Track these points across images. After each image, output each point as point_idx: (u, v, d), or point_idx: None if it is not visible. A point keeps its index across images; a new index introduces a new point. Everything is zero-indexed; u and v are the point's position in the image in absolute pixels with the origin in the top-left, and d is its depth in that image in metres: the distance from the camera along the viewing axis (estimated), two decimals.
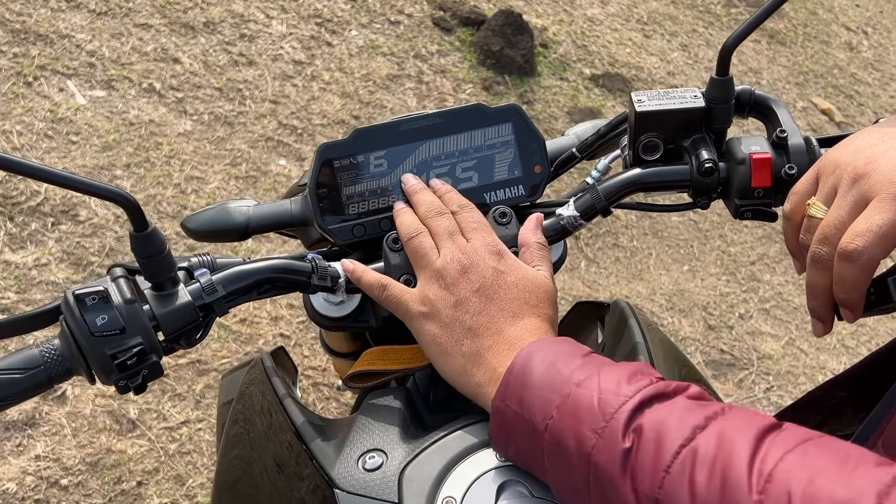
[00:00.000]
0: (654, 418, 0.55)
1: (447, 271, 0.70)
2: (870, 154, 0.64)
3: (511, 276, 0.70)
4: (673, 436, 0.54)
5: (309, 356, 2.03)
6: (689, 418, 0.55)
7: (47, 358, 0.64)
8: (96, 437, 1.75)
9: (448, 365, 0.68)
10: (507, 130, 0.81)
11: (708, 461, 0.52)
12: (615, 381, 0.58)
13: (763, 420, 0.54)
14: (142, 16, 2.61)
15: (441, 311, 0.69)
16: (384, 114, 2.67)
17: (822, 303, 0.68)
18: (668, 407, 0.56)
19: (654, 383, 0.58)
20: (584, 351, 0.63)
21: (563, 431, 0.58)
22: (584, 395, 0.58)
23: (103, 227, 2.08)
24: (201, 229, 0.85)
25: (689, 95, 0.77)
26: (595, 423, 0.56)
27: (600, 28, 3.40)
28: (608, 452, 0.56)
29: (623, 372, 0.59)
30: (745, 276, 2.72)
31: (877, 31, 4.24)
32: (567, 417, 0.58)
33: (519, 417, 0.61)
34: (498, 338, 0.67)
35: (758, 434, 0.52)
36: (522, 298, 0.69)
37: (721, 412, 0.55)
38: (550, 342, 0.64)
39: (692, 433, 0.54)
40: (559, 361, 0.61)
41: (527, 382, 0.61)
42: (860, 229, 0.61)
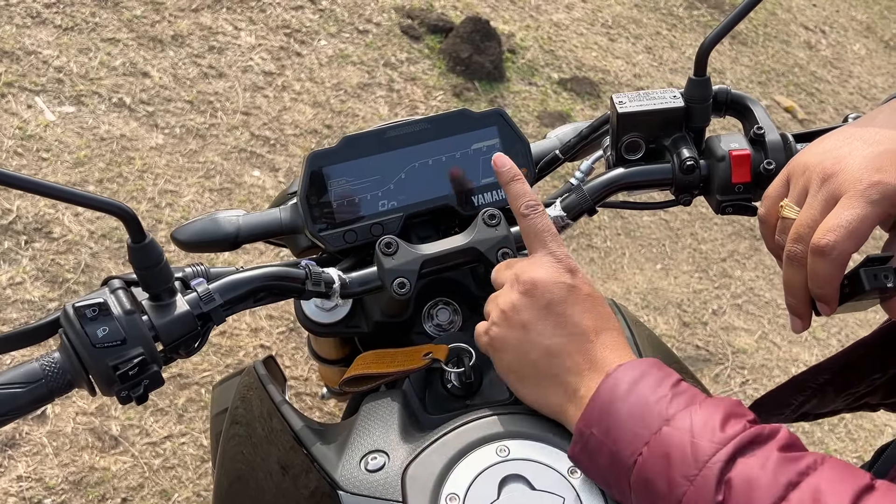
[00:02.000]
0: (746, 471, 0.55)
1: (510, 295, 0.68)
2: (837, 154, 0.67)
3: (583, 289, 0.67)
4: (765, 492, 0.53)
5: (290, 366, 2.03)
6: (781, 474, 0.54)
7: (48, 371, 0.64)
8: (78, 455, 1.73)
9: (528, 390, 0.67)
10: (491, 134, 0.83)
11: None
12: (709, 425, 0.57)
13: (856, 478, 0.54)
14: (109, 30, 2.60)
15: (508, 337, 0.67)
16: (357, 122, 2.68)
17: (799, 299, 0.70)
18: (760, 459, 0.55)
19: (747, 429, 0.57)
20: (673, 379, 0.62)
21: (653, 471, 0.57)
22: (676, 436, 0.57)
23: (78, 244, 2.06)
24: (191, 240, 0.86)
25: (668, 96, 0.80)
26: (687, 470, 0.56)
27: (566, 33, 3.44)
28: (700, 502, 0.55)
29: (717, 413, 0.58)
30: (716, 272, 2.77)
31: (834, 29, 4.34)
32: (657, 458, 0.57)
33: (604, 446, 0.60)
34: (577, 357, 0.65)
35: (853, 496, 0.52)
36: (596, 311, 0.67)
37: (814, 466, 0.55)
38: (638, 367, 0.62)
39: (784, 491, 0.53)
40: (648, 392, 0.60)
41: (613, 412, 0.60)
42: (831, 225, 0.64)
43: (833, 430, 2.41)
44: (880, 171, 0.64)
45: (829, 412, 1.02)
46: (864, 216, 0.63)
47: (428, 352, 0.78)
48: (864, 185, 0.63)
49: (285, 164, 2.47)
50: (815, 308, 0.71)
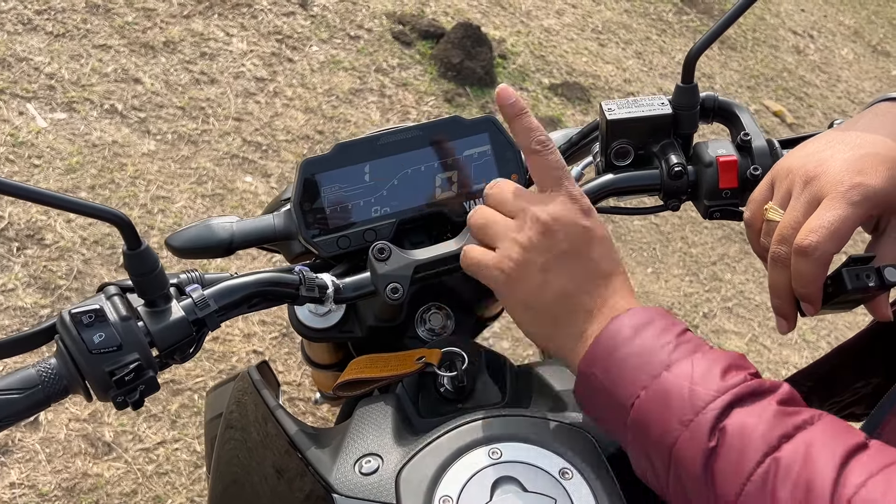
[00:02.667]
0: (741, 421, 0.55)
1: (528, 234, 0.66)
2: (819, 157, 0.68)
3: (599, 231, 0.66)
4: (758, 443, 0.54)
5: (283, 372, 2.03)
6: (777, 426, 0.55)
7: (45, 377, 0.65)
8: (71, 462, 1.73)
9: (532, 324, 0.67)
10: (483, 141, 0.84)
11: (792, 477, 0.52)
12: (710, 373, 0.58)
13: (850, 436, 0.54)
14: (100, 37, 2.60)
15: (528, 275, 0.66)
16: (348, 128, 2.69)
17: (784, 299, 0.71)
18: (757, 410, 0.56)
19: (748, 381, 0.58)
20: (679, 328, 0.62)
21: (649, 414, 0.58)
22: (675, 382, 0.58)
23: (70, 251, 2.06)
24: (185, 247, 0.87)
25: (656, 103, 0.81)
26: (683, 415, 0.56)
27: (557, 38, 3.46)
28: (692, 448, 0.56)
29: (718, 363, 0.59)
30: (707, 276, 2.79)
31: (822, 34, 4.38)
32: (654, 401, 0.58)
33: (603, 389, 0.61)
34: (590, 300, 0.65)
35: (844, 452, 0.53)
36: (609, 256, 0.66)
37: (810, 421, 0.55)
38: (645, 313, 0.63)
39: (778, 442, 0.54)
40: (653, 338, 0.61)
41: (616, 354, 0.61)
42: (813, 226, 0.65)
43: None
44: (861, 174, 0.65)
45: None
46: (845, 217, 0.64)
47: (421, 356, 0.79)
48: (845, 187, 0.65)
49: (277, 169, 2.48)
50: (800, 308, 0.72)
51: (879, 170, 0.66)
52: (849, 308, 0.73)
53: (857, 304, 0.72)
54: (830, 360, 0.92)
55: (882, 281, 0.67)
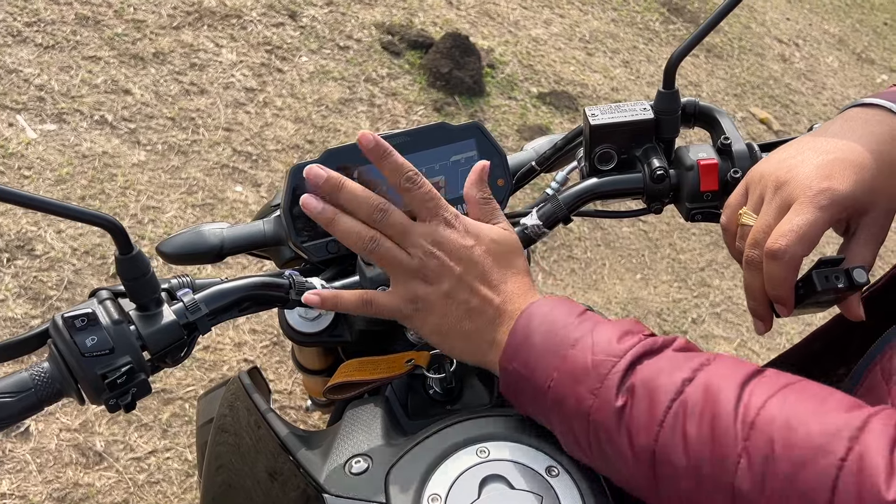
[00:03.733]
0: (645, 375, 0.60)
1: (426, 269, 0.71)
2: (790, 164, 0.71)
3: (481, 245, 0.72)
4: (663, 391, 0.58)
5: (274, 380, 2.04)
6: (677, 372, 0.59)
7: (37, 381, 0.65)
8: (62, 472, 1.73)
9: (453, 347, 0.72)
10: (469, 147, 0.85)
11: (697, 412, 0.56)
12: (607, 341, 0.63)
13: (746, 367, 0.59)
14: (90, 48, 2.61)
15: (434, 304, 0.71)
16: (338, 137, 2.70)
17: (759, 301, 0.73)
18: (656, 363, 0.61)
19: (643, 340, 0.62)
20: (579, 310, 0.67)
21: (564, 392, 0.63)
22: (580, 356, 0.63)
23: (61, 261, 2.06)
24: (177, 253, 0.88)
25: (638, 108, 0.83)
26: (591, 385, 0.61)
27: (545, 48, 3.49)
28: (605, 411, 0.60)
29: (615, 331, 0.63)
30: (695, 281, 2.81)
31: (807, 42, 4.43)
32: (566, 379, 0.63)
33: (524, 378, 0.66)
34: (492, 309, 0.70)
35: (741, 381, 0.57)
36: (499, 263, 0.72)
37: (707, 362, 0.60)
38: (547, 303, 0.68)
39: (682, 385, 0.58)
40: (557, 323, 0.65)
41: (529, 344, 0.66)
42: (783, 230, 0.67)
43: None
44: (829, 179, 0.67)
45: None
46: (813, 221, 0.66)
47: (410, 358, 0.80)
48: (813, 192, 0.67)
49: (267, 179, 2.49)
50: (775, 310, 0.74)
51: (847, 174, 0.67)
52: (823, 308, 0.74)
53: (830, 305, 0.74)
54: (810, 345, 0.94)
55: (851, 282, 0.68)
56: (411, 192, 0.72)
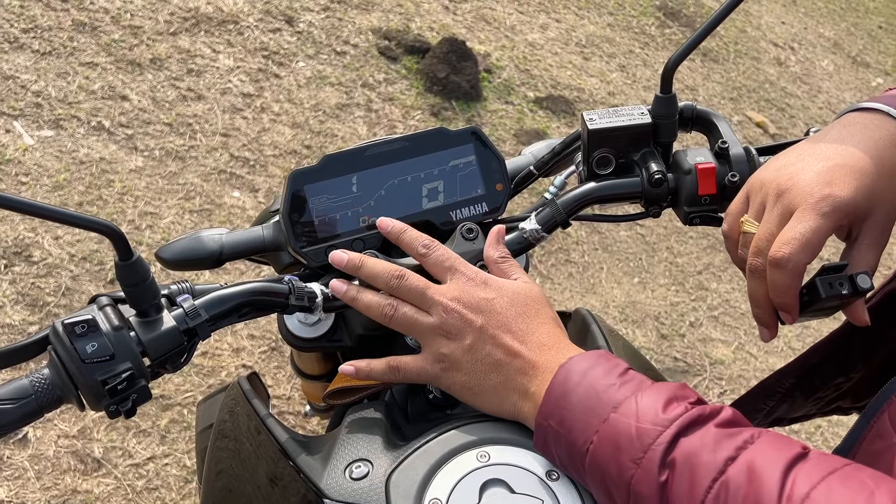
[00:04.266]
0: (688, 450, 0.57)
1: (447, 325, 0.71)
2: (790, 171, 0.71)
3: (502, 298, 0.72)
4: (705, 469, 0.56)
5: (273, 385, 2.04)
6: (720, 450, 0.57)
7: (38, 387, 0.65)
8: (61, 479, 1.73)
9: (484, 402, 0.71)
10: (468, 151, 0.86)
11: (740, 496, 0.54)
12: (653, 409, 0.60)
13: (791, 449, 0.57)
14: (87, 55, 2.61)
15: (459, 360, 0.71)
16: (336, 142, 2.70)
17: (764, 309, 0.73)
18: (700, 437, 0.58)
19: (689, 411, 0.60)
20: (621, 368, 0.65)
21: (603, 457, 0.61)
22: (623, 422, 0.60)
23: (58, 267, 2.06)
24: (176, 259, 0.87)
25: (636, 112, 0.83)
26: (634, 454, 0.59)
27: (541, 52, 3.49)
28: (647, 484, 0.58)
29: (660, 397, 0.61)
30: (693, 285, 2.81)
31: (802, 46, 4.44)
32: (606, 444, 0.60)
33: (560, 436, 0.64)
34: (520, 361, 0.69)
35: (786, 465, 0.55)
36: (523, 314, 0.71)
37: (751, 440, 0.57)
38: (587, 360, 0.66)
39: (724, 465, 0.56)
40: (597, 382, 0.63)
41: (566, 403, 0.64)
42: (786, 238, 0.67)
43: (810, 438, 2.45)
44: (830, 185, 0.67)
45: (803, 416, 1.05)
46: (816, 228, 0.66)
47: None
48: (815, 199, 0.67)
49: (265, 184, 2.49)
50: (780, 317, 0.74)
51: (848, 180, 0.68)
52: (827, 315, 0.75)
53: (834, 311, 0.74)
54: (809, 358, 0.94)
55: (855, 288, 0.68)
56: (428, 258, 0.75)
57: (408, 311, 0.73)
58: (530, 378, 0.68)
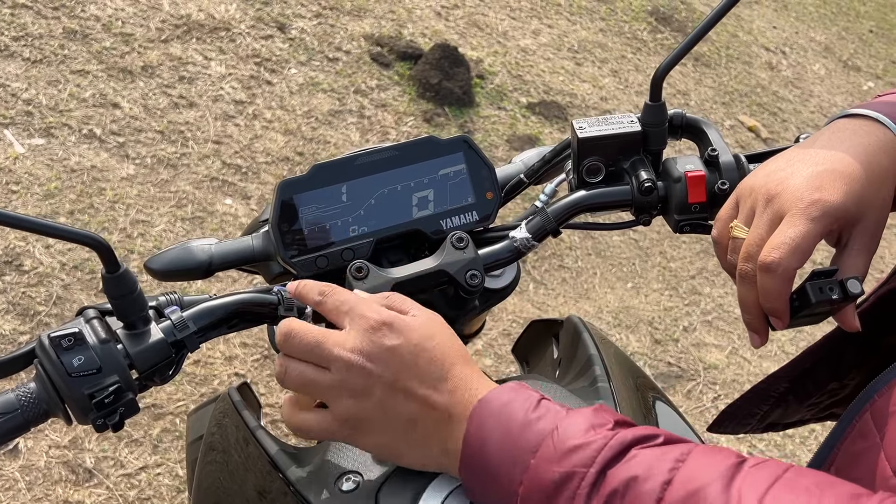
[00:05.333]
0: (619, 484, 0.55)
1: (349, 383, 0.64)
2: (780, 176, 0.70)
3: (409, 342, 0.64)
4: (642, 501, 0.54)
5: (265, 394, 2.03)
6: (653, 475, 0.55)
7: (24, 401, 0.65)
8: (52, 490, 1.72)
9: (405, 459, 0.66)
10: (458, 160, 0.85)
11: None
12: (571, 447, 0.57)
13: (726, 459, 0.55)
14: (78, 62, 2.60)
15: (370, 420, 0.65)
16: (328, 149, 2.70)
17: (754, 315, 0.73)
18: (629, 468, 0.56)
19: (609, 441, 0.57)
20: (534, 401, 0.61)
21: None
22: (544, 468, 0.57)
23: (49, 276, 2.05)
24: (165, 269, 0.87)
25: (625, 120, 0.83)
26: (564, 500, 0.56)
27: (533, 58, 3.50)
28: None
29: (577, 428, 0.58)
30: (686, 290, 2.81)
31: (794, 50, 4.46)
32: (534, 493, 0.58)
33: (488, 488, 0.61)
34: (436, 412, 0.63)
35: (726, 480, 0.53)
36: (433, 358, 0.64)
37: (681, 459, 0.56)
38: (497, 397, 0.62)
39: (661, 492, 0.54)
40: (512, 423, 0.60)
41: (485, 454, 0.60)
42: (776, 243, 0.67)
43: (804, 443, 2.45)
44: (819, 190, 0.67)
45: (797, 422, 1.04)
46: (805, 233, 0.66)
47: None
48: (804, 204, 0.67)
49: (257, 191, 2.49)
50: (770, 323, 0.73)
51: (837, 185, 0.67)
52: (818, 320, 0.74)
53: (825, 317, 0.74)
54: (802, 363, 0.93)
55: (845, 293, 0.68)
56: (325, 305, 0.68)
57: (303, 370, 0.65)
58: (449, 430, 0.63)
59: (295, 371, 0.66)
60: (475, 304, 0.89)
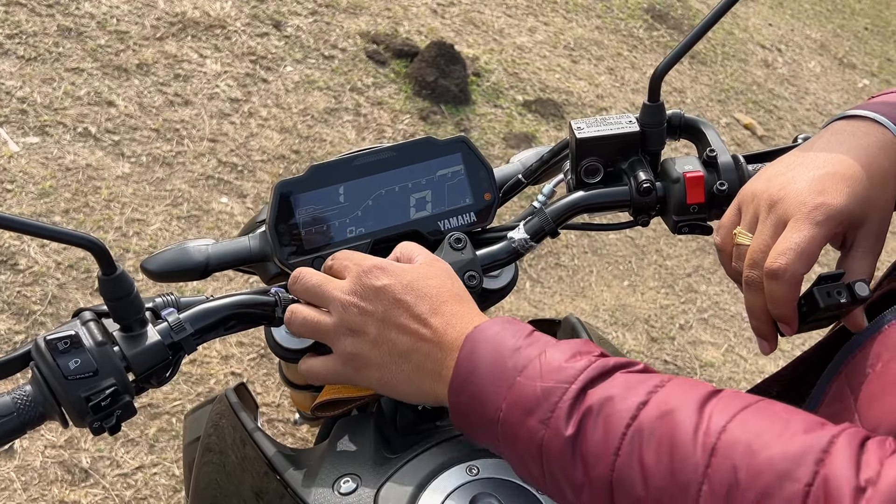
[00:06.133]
0: (597, 401, 0.57)
1: (347, 321, 0.69)
2: (781, 181, 0.70)
3: (400, 282, 0.69)
4: (617, 417, 0.56)
5: (262, 393, 2.02)
6: (630, 396, 0.57)
7: (20, 404, 0.65)
8: (48, 490, 1.71)
9: (403, 393, 0.69)
10: (456, 161, 0.85)
11: (655, 438, 0.54)
12: (556, 366, 0.60)
13: (702, 387, 0.57)
14: (73, 60, 2.59)
15: (368, 355, 0.69)
16: (324, 147, 2.69)
17: (762, 321, 0.72)
18: (608, 387, 0.58)
19: (593, 363, 0.59)
20: (526, 331, 0.64)
21: (513, 424, 0.60)
22: (528, 385, 0.60)
23: (45, 275, 2.04)
24: (161, 270, 0.86)
25: (624, 121, 0.83)
26: (541, 415, 0.58)
27: (530, 55, 3.50)
28: (557, 442, 0.58)
29: (564, 353, 0.61)
30: (682, 287, 2.81)
31: (789, 48, 4.46)
32: (515, 410, 0.60)
33: (472, 410, 0.63)
34: (427, 344, 0.67)
35: (699, 402, 0.55)
36: (425, 294, 0.69)
37: (661, 384, 0.58)
38: (492, 326, 0.65)
39: (636, 410, 0.56)
40: (502, 347, 0.62)
41: (474, 375, 0.63)
42: (781, 248, 0.67)
43: None
44: (822, 194, 0.67)
45: None
46: (811, 237, 0.66)
47: None
48: (808, 208, 0.67)
49: (253, 190, 2.48)
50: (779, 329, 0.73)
51: (840, 188, 0.67)
52: (826, 324, 0.74)
53: (832, 321, 0.74)
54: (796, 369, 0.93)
55: (853, 296, 0.68)
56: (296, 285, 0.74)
57: (307, 312, 0.72)
58: (440, 359, 0.66)
59: (300, 314, 0.72)
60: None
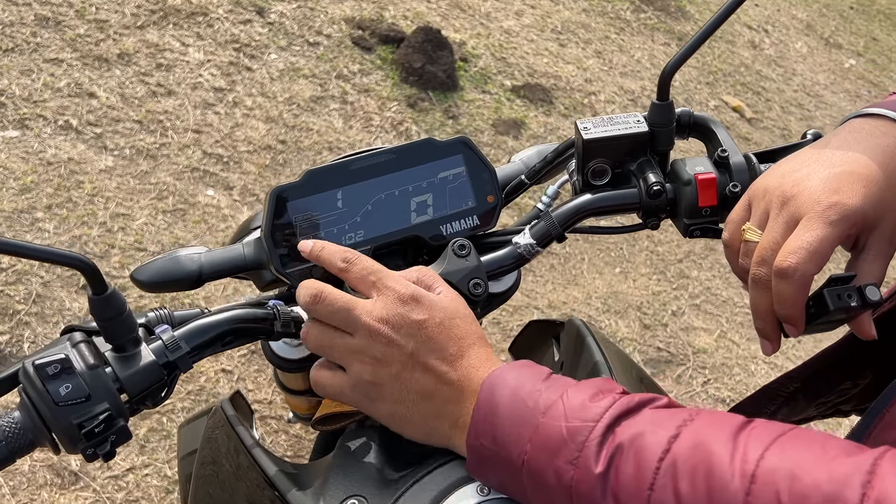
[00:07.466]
0: (626, 437, 0.56)
1: (372, 350, 0.66)
2: (795, 177, 0.68)
3: (434, 318, 0.67)
4: (649, 451, 0.55)
5: (254, 390, 1.99)
6: (660, 431, 0.55)
7: (8, 432, 0.61)
8: (37, 494, 1.68)
9: (413, 432, 0.67)
10: (457, 162, 0.82)
11: (689, 469, 0.53)
12: (580, 406, 0.59)
13: (733, 419, 0.56)
14: (51, 50, 2.53)
15: (384, 388, 0.66)
16: (311, 136, 2.65)
17: (767, 321, 0.70)
18: (636, 423, 0.57)
19: (617, 401, 0.58)
20: (544, 374, 0.63)
21: (540, 466, 0.58)
22: (553, 425, 0.58)
23: (28, 274, 2.00)
24: (152, 280, 0.83)
25: (632, 120, 0.80)
26: (569, 455, 0.57)
27: (517, 40, 3.45)
28: (587, 482, 0.56)
29: (586, 392, 0.60)
30: (674, 274, 2.80)
31: (776, 28, 4.44)
32: (540, 452, 0.58)
33: (495, 454, 0.61)
34: (450, 388, 0.65)
35: (732, 433, 0.54)
36: (453, 335, 0.67)
37: (690, 418, 0.56)
38: (510, 370, 0.63)
39: (667, 444, 0.54)
40: (521, 390, 0.61)
41: (495, 419, 0.61)
42: (792, 247, 0.65)
43: None
44: (837, 193, 0.65)
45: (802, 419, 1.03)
46: (823, 237, 0.64)
47: None
48: (822, 207, 0.64)
49: (240, 181, 2.44)
50: (783, 330, 0.71)
51: (856, 188, 0.65)
52: (832, 328, 0.72)
53: (840, 324, 0.71)
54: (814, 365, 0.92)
55: (864, 300, 0.66)
56: (349, 272, 0.70)
57: (327, 333, 0.68)
58: (460, 405, 0.64)
59: (319, 333, 0.69)
60: (477, 311, 0.86)
